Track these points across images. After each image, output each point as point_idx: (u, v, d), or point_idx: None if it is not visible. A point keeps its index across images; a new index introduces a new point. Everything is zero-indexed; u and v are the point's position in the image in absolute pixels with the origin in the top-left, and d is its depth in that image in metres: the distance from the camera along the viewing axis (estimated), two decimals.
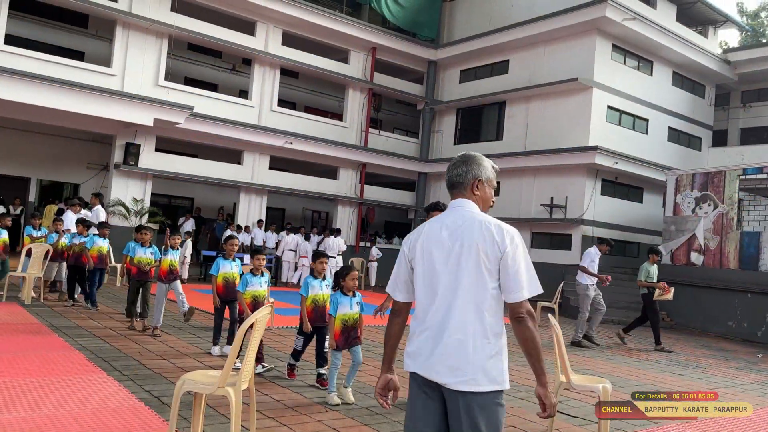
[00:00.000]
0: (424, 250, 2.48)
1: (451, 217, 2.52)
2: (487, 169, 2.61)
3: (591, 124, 18.64)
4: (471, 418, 2.28)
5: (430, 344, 2.38)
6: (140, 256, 8.23)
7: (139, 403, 4.83)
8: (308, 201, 24.06)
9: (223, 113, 18.48)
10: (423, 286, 2.47)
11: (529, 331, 2.35)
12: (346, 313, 5.42)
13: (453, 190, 2.61)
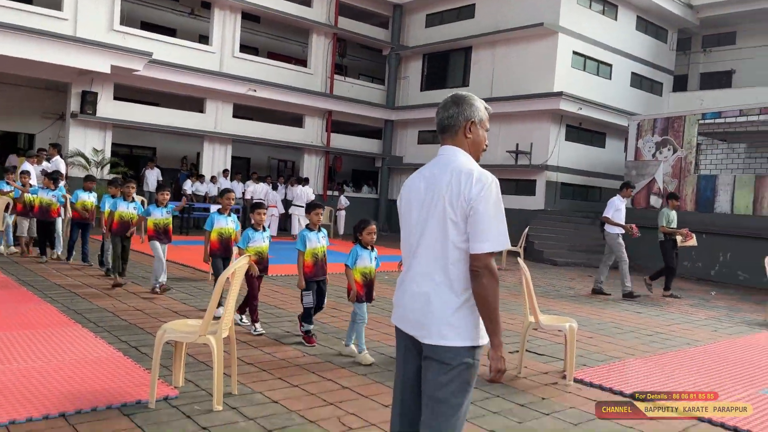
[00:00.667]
0: (405, 202, 2.44)
1: (432, 167, 2.42)
2: (479, 110, 2.44)
3: (556, 69, 18.69)
4: (436, 372, 2.22)
5: (406, 296, 2.36)
6: (123, 210, 7.82)
7: (117, 353, 4.86)
8: (274, 150, 23.76)
9: (184, 60, 17.91)
10: (405, 238, 2.43)
11: (483, 287, 2.19)
12: (366, 266, 5.30)
13: (443, 135, 2.45)
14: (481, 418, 4.02)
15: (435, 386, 2.23)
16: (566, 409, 4.34)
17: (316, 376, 4.71)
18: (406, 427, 2.35)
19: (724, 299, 10.87)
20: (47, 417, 3.51)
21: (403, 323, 2.36)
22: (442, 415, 2.21)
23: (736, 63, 23.59)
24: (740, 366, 5.90)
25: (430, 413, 2.24)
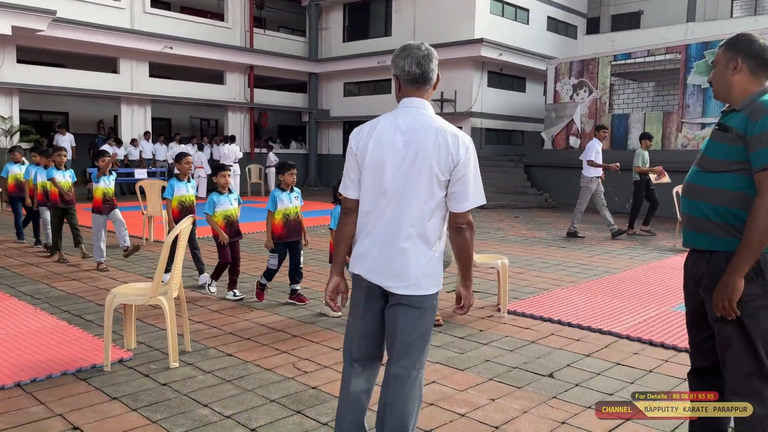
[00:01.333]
0: (375, 153, 2.40)
1: (407, 119, 2.40)
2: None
3: (476, 16, 18.91)
4: (410, 317, 2.39)
5: (375, 249, 2.42)
6: (61, 180, 7.30)
7: (62, 323, 4.84)
8: (196, 109, 23.09)
9: (91, 17, 16.93)
10: (371, 188, 2.43)
11: (465, 241, 2.41)
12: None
13: (418, 85, 2.42)
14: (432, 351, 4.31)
15: (410, 329, 2.41)
16: (502, 338, 4.72)
17: (266, 328, 4.87)
18: (370, 351, 2.52)
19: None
20: (3, 388, 3.52)
21: (373, 275, 2.42)
22: (416, 351, 2.43)
23: (644, 4, 24.57)
24: (654, 287, 6.50)
25: (404, 352, 2.42)
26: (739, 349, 2.37)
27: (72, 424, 3.11)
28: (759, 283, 2.31)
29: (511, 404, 3.47)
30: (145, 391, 3.56)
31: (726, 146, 2.38)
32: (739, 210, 2.33)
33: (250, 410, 3.32)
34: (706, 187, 2.43)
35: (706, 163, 2.45)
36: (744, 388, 2.39)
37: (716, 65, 2.46)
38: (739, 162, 2.33)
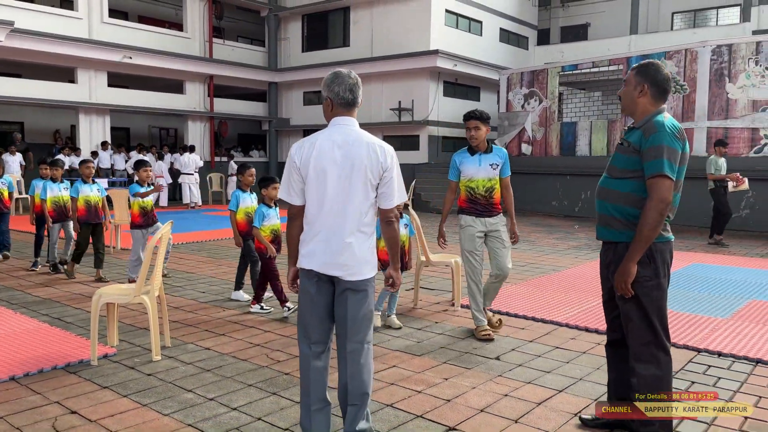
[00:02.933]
0: (317, 165, 2.79)
1: (341, 136, 2.83)
2: None
3: (431, 28, 19.56)
4: (357, 299, 2.84)
5: (323, 246, 2.83)
6: (89, 194, 7.09)
7: (44, 325, 5.12)
8: (154, 118, 23.09)
9: (48, 27, 16.88)
10: (315, 196, 2.82)
11: (394, 230, 2.94)
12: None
13: (351, 108, 2.88)
14: (386, 342, 4.78)
15: (357, 308, 2.87)
16: (455, 328, 5.22)
17: (239, 326, 5.25)
18: (324, 334, 2.94)
19: (585, 231, 12.41)
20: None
21: (325, 268, 2.85)
22: (366, 327, 2.91)
23: (591, 17, 25.74)
24: (595, 282, 7.08)
25: (355, 329, 2.87)
26: (638, 323, 2.91)
27: (69, 409, 3.45)
28: (651, 268, 2.87)
29: (462, 382, 3.95)
30: (133, 380, 3.92)
31: (625, 157, 2.95)
32: (634, 209, 2.89)
33: (231, 393, 3.72)
34: (610, 190, 2.99)
35: (611, 171, 3.02)
36: (644, 355, 2.92)
37: (627, 84, 3.02)
38: (634, 171, 2.90)
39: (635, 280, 2.85)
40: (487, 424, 3.33)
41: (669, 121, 2.86)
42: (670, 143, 2.81)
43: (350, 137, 2.84)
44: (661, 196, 2.77)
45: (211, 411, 3.46)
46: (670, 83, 2.97)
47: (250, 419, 3.36)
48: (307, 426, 2.91)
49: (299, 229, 2.93)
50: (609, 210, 2.98)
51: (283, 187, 2.94)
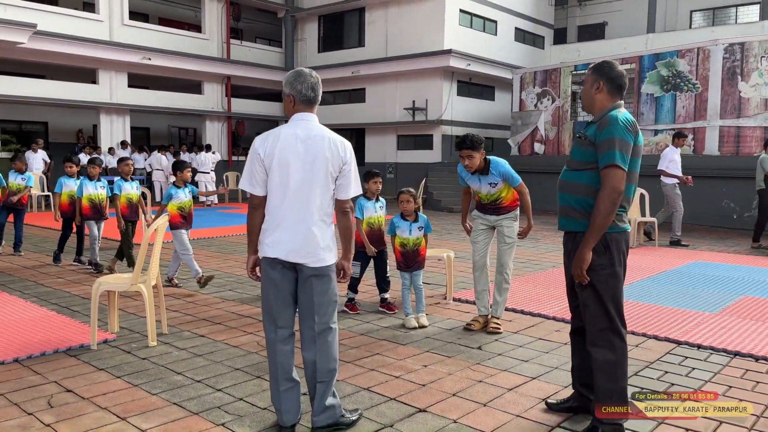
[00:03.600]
0: (281, 158, 2.93)
1: (303, 130, 2.98)
2: None
3: (445, 27, 19.69)
4: (320, 284, 3.01)
5: (288, 235, 2.97)
6: (130, 192, 7.18)
7: (51, 313, 5.38)
8: (174, 118, 23.55)
9: (70, 29, 17.40)
10: (278, 186, 2.96)
11: (349, 221, 3.09)
12: (405, 237, 5.24)
13: (307, 105, 3.05)
14: (375, 332, 4.95)
15: (323, 293, 3.05)
16: (444, 320, 5.37)
17: (235, 315, 5.46)
18: (290, 319, 3.11)
19: None
20: (3, 363, 4.08)
21: (290, 255, 3.01)
22: (332, 309, 3.09)
23: (608, 15, 25.60)
24: None
25: (322, 312, 3.05)
26: (594, 309, 3.04)
27: (65, 388, 3.68)
28: (606, 257, 3.00)
29: (440, 369, 4.10)
30: (127, 363, 4.14)
31: (582, 150, 3.09)
32: (591, 199, 3.01)
33: (218, 376, 3.92)
34: (569, 182, 3.13)
35: (570, 164, 3.16)
36: (600, 340, 3.05)
37: (585, 83, 3.16)
38: (589, 162, 3.03)
39: (591, 269, 2.98)
40: (456, 407, 3.48)
41: (623, 115, 2.99)
42: (623, 135, 2.93)
43: (312, 132, 3.01)
44: (614, 185, 2.89)
45: (197, 392, 3.66)
46: (624, 79, 3.10)
47: (232, 399, 3.55)
48: (278, 405, 3.10)
49: (261, 218, 3.06)
50: (568, 201, 3.12)
51: (245, 178, 3.04)
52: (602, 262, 3.00)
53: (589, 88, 3.13)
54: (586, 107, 3.22)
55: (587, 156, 3.04)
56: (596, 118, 3.09)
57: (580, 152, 3.09)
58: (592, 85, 3.12)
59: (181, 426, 3.19)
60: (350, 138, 22.60)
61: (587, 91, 3.15)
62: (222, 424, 3.22)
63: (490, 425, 3.24)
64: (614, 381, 3.02)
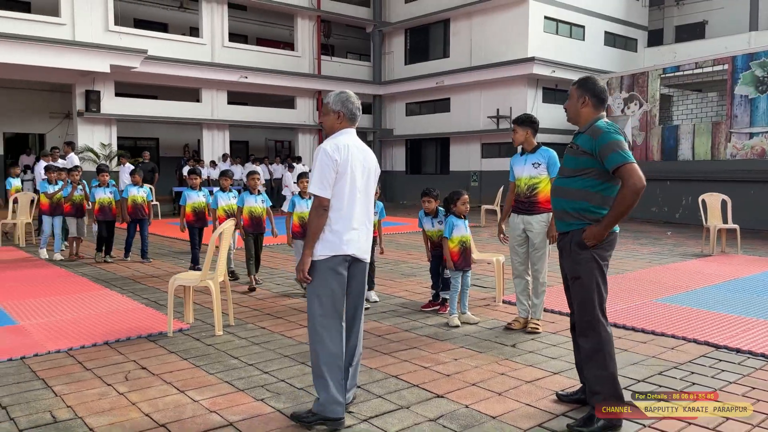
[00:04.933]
0: (352, 165, 3.33)
1: (356, 142, 3.43)
2: None
3: (529, 35, 19.65)
4: (364, 275, 3.52)
5: (357, 234, 3.37)
6: (252, 205, 7.24)
7: (141, 306, 6.18)
8: (270, 131, 24.96)
9: (177, 53, 19.02)
10: (348, 192, 3.32)
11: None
12: (463, 235, 5.51)
13: (352, 122, 3.44)
14: (419, 329, 5.31)
15: (363, 284, 3.56)
16: (488, 320, 5.62)
17: (296, 311, 6.01)
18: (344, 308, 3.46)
19: (677, 238, 12.05)
20: (95, 344, 4.82)
21: (361, 252, 3.44)
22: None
23: (709, 14, 24.38)
24: (649, 284, 7.14)
25: (363, 302, 3.59)
26: (582, 300, 3.32)
27: (141, 366, 4.34)
28: (592, 251, 3.24)
29: (468, 362, 4.40)
30: (195, 348, 4.76)
31: (575, 159, 3.35)
32: (585, 202, 3.28)
33: (267, 361, 4.44)
34: (563, 188, 3.39)
35: (563, 172, 3.45)
36: (586, 330, 3.30)
37: (570, 98, 3.42)
38: (582, 170, 3.30)
39: (578, 263, 3.25)
40: (471, 394, 3.78)
41: (605, 123, 3.29)
42: (616, 138, 3.21)
43: (361, 144, 3.50)
44: (636, 179, 3.09)
45: (247, 373, 4.19)
46: (605, 94, 3.40)
47: (274, 380, 4.05)
48: (340, 398, 3.30)
49: (326, 220, 3.31)
50: (562, 205, 3.39)
51: (317, 183, 3.27)
52: (588, 256, 3.23)
53: (576, 102, 3.40)
54: (571, 119, 3.49)
55: (580, 164, 3.31)
56: (583, 128, 3.37)
57: (573, 161, 3.36)
58: (578, 100, 3.39)
59: (227, 399, 3.71)
60: (435, 147, 23.17)
61: (573, 105, 3.42)
62: (261, 399, 3.72)
63: (498, 411, 3.52)
64: (603, 368, 3.24)
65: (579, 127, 3.41)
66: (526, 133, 5.21)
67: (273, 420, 3.42)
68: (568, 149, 3.43)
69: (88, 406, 3.59)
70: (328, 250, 3.33)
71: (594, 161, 3.24)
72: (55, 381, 4.01)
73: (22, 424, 3.35)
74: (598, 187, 3.26)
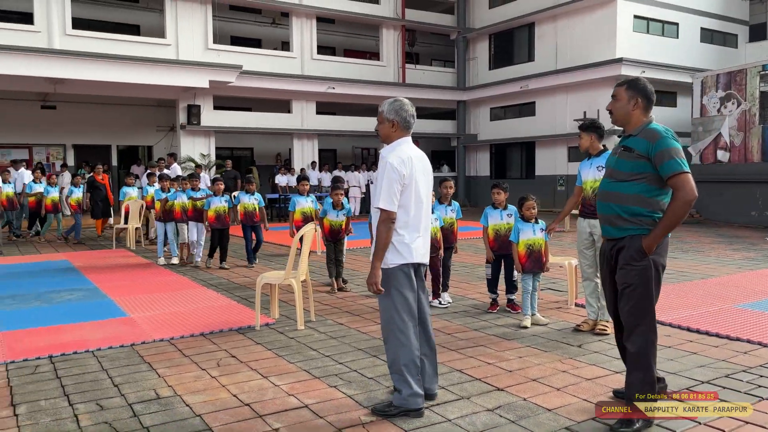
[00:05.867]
0: (416, 176, 3.50)
1: (415, 152, 3.59)
2: None
3: (617, 35, 19.18)
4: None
5: (422, 242, 3.59)
6: (333, 219, 7.52)
7: (233, 302, 6.76)
8: (357, 139, 25.67)
9: (269, 67, 20.10)
10: (414, 200, 3.50)
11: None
12: (529, 238, 5.61)
13: (407, 130, 3.58)
14: (488, 329, 5.52)
15: (424, 283, 3.79)
16: (558, 322, 5.73)
17: (371, 309, 6.37)
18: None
19: None
20: (193, 335, 5.40)
21: (424, 258, 3.70)
22: None
23: None
24: (734, 289, 6.93)
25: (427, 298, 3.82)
26: (635, 306, 3.30)
27: (231, 354, 4.84)
28: (649, 258, 3.25)
29: (532, 360, 4.58)
30: (278, 341, 5.22)
31: (631, 163, 3.29)
32: (639, 207, 3.26)
33: (342, 353, 4.82)
34: (615, 192, 3.37)
35: (616, 175, 3.39)
36: (636, 336, 3.30)
37: (618, 100, 3.40)
38: (639, 174, 3.25)
39: (635, 269, 3.25)
40: (531, 389, 3.96)
41: (662, 128, 3.27)
42: (675, 144, 3.19)
43: (419, 153, 3.68)
44: (689, 189, 3.12)
45: (323, 363, 4.59)
46: (654, 95, 3.38)
47: (347, 370, 4.42)
48: (420, 392, 3.52)
49: (393, 232, 3.47)
50: (614, 210, 3.33)
51: (385, 198, 3.40)
52: (647, 263, 3.25)
53: (626, 105, 3.35)
54: (618, 121, 3.44)
55: (637, 168, 3.25)
56: (635, 131, 3.33)
57: (628, 164, 3.29)
58: (629, 102, 3.35)
59: (304, 385, 4.11)
60: (520, 151, 23.00)
61: (623, 107, 3.36)
62: (334, 386, 4.09)
63: (554, 404, 3.70)
64: (648, 370, 3.27)
65: (627, 129, 3.39)
66: (590, 138, 5.32)
67: (343, 405, 3.76)
68: (621, 153, 3.38)
69: (186, 387, 4.10)
70: (399, 259, 3.51)
71: (649, 165, 3.22)
72: (158, 365, 4.58)
73: (130, 399, 3.89)
74: (652, 192, 3.24)
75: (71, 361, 4.67)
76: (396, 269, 3.52)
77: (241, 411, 3.66)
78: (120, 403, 3.82)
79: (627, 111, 3.38)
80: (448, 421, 3.48)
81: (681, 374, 4.23)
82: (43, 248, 11.84)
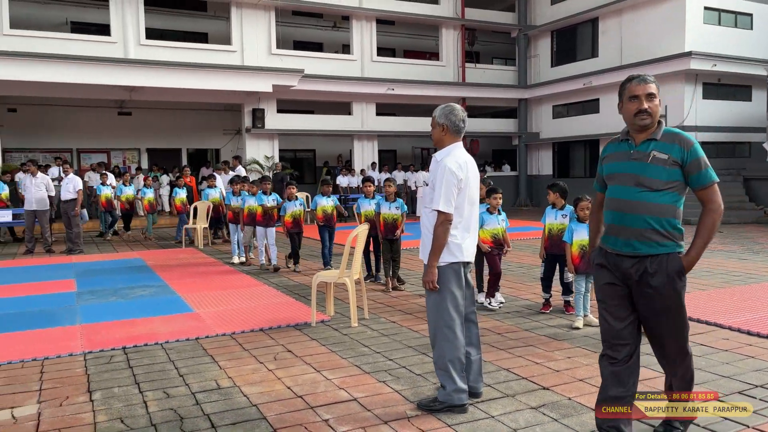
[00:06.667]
0: (470, 180, 3.67)
1: (468, 158, 3.75)
2: None
3: (686, 28, 18.49)
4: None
5: (475, 241, 3.79)
6: (386, 212, 7.78)
7: (292, 300, 7.04)
8: (416, 140, 25.80)
9: (330, 71, 20.49)
10: (468, 204, 3.68)
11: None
12: (584, 239, 5.54)
13: (458, 135, 3.73)
14: (539, 329, 5.55)
15: (470, 282, 3.87)
16: None
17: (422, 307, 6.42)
18: None
19: None
20: (253, 330, 5.69)
21: (472, 257, 3.84)
22: None
23: None
24: None
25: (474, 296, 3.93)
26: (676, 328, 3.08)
27: (287, 349, 5.08)
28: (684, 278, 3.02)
29: (581, 360, 4.60)
30: (332, 337, 5.44)
31: (667, 170, 2.96)
32: (674, 219, 3.01)
33: (393, 350, 4.98)
34: (648, 203, 2.99)
35: (652, 184, 2.98)
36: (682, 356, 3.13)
37: (654, 98, 3.07)
38: (674, 182, 2.99)
39: (679, 293, 3.00)
40: (576, 388, 4.00)
41: (687, 133, 3.07)
42: (703, 152, 3.00)
43: (469, 156, 3.82)
44: (721, 200, 2.99)
45: (374, 359, 4.76)
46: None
47: (396, 366, 4.57)
48: (464, 387, 3.65)
49: (449, 233, 3.61)
50: (648, 222, 2.98)
51: (445, 201, 3.55)
52: (684, 284, 3.02)
53: (659, 104, 3.10)
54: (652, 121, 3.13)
55: (673, 176, 2.97)
56: (654, 134, 3.03)
57: (665, 172, 2.97)
58: (660, 101, 3.12)
59: (354, 379, 4.30)
60: (584, 150, 22.51)
61: (657, 106, 3.07)
62: (383, 381, 4.25)
63: None
64: (691, 384, 3.18)
65: (648, 129, 3.05)
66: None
67: (391, 399, 3.92)
68: (656, 158, 2.99)
69: (244, 378, 4.36)
70: (450, 258, 3.65)
71: (681, 173, 2.98)
72: (220, 357, 4.87)
73: (194, 388, 4.18)
74: (680, 202, 3.03)
75: (142, 353, 5.04)
76: (447, 267, 3.66)
77: (294, 402, 3.88)
78: (184, 392, 4.11)
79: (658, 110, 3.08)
80: (491, 418, 3.59)
81: (735, 378, 4.17)
82: (119, 247, 12.58)
